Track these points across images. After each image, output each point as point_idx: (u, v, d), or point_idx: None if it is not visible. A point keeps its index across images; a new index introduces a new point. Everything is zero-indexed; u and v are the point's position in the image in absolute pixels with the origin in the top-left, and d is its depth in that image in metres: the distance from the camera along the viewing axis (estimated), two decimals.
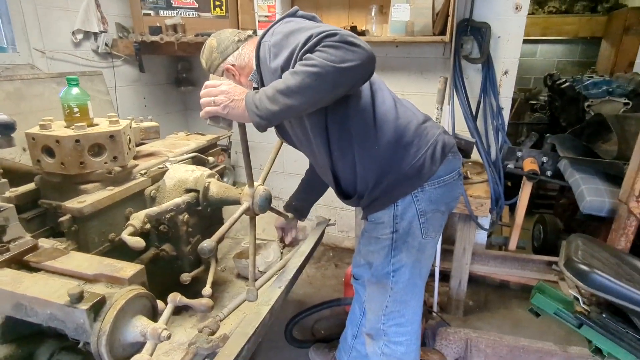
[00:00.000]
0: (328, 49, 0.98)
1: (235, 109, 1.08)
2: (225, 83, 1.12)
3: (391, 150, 1.25)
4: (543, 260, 2.53)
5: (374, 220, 1.36)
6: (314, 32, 1.03)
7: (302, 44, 1.04)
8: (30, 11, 2.20)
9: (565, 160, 2.31)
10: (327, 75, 0.98)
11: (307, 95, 1.01)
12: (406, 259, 1.33)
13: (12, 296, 0.85)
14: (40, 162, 1.29)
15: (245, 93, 1.10)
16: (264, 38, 1.19)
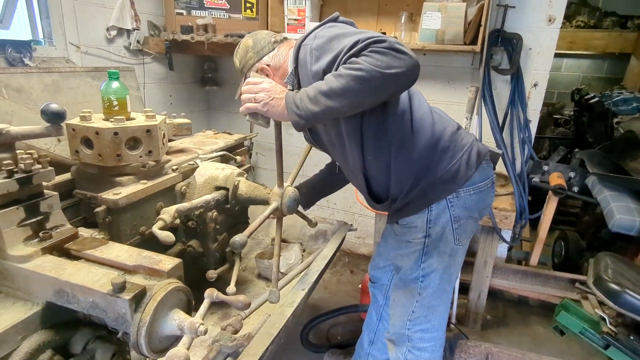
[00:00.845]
0: (375, 55, 0.98)
1: (275, 107, 1.10)
2: (266, 81, 1.14)
3: (427, 155, 1.25)
4: (565, 277, 2.47)
5: (406, 224, 1.34)
6: (360, 37, 1.03)
7: (348, 48, 1.04)
8: (68, 6, 2.25)
9: (594, 176, 2.27)
10: (372, 80, 0.98)
11: (349, 98, 1.02)
12: (437, 264, 1.32)
13: (56, 282, 0.86)
14: (79, 152, 1.32)
15: (285, 92, 1.11)
16: (305, 41, 1.19)
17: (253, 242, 2.33)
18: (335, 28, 1.16)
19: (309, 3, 2.54)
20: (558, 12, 2.29)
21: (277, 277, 1.45)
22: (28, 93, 1.81)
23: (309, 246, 2.24)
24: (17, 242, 0.92)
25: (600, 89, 4.30)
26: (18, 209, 0.92)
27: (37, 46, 2.14)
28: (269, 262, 1.91)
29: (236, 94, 1.26)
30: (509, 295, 2.69)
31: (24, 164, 0.92)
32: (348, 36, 1.08)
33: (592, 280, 1.74)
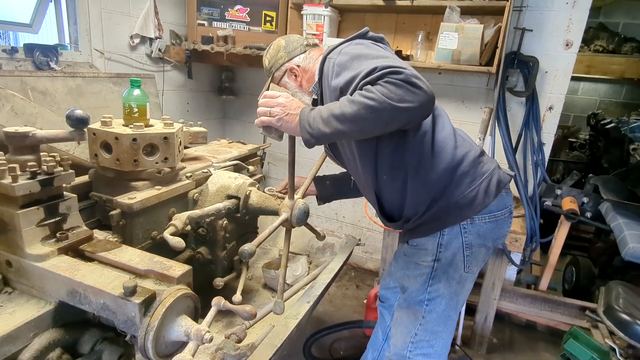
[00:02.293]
0: (389, 86, 0.99)
1: (289, 122, 1.12)
2: (283, 95, 1.15)
3: (446, 178, 1.23)
4: (575, 304, 2.42)
5: (417, 245, 1.33)
6: (379, 64, 1.03)
7: (365, 74, 1.04)
8: (95, 14, 2.33)
9: (608, 203, 2.24)
10: (383, 111, 0.99)
11: (359, 125, 1.04)
12: (444, 289, 1.30)
13: (69, 282, 0.89)
14: (98, 156, 1.36)
15: (300, 108, 1.13)
16: (330, 54, 1.20)
17: (260, 251, 2.34)
18: (361, 47, 1.16)
19: (327, 19, 2.59)
20: (576, 37, 2.30)
21: (282, 288, 1.46)
22: (52, 96, 1.88)
23: (316, 258, 2.24)
24: (35, 242, 0.95)
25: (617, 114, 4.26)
26: (38, 209, 0.95)
27: (63, 51, 2.22)
28: (275, 272, 1.91)
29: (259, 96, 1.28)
30: (516, 319, 2.65)
31: (47, 166, 0.96)
32: (369, 59, 1.08)
33: (602, 309, 1.71)
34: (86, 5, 2.28)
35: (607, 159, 3.18)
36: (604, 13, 4.78)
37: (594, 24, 4.69)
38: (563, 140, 4.44)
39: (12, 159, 0.95)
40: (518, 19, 2.35)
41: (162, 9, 2.68)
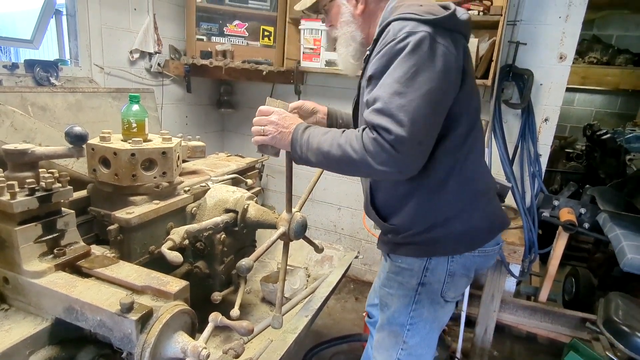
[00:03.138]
0: (375, 145, 0.94)
1: (282, 140, 1.11)
2: (276, 112, 1.13)
3: (458, 208, 1.15)
4: (576, 316, 2.41)
5: (401, 263, 1.25)
6: (388, 107, 0.94)
7: (371, 110, 0.97)
8: (96, 30, 2.37)
9: (606, 214, 2.24)
10: (361, 167, 0.98)
11: (340, 168, 1.05)
12: (427, 314, 1.24)
13: (66, 299, 0.89)
14: (96, 171, 1.36)
15: (294, 125, 1.10)
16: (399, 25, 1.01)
17: (258, 264, 2.34)
18: (409, 54, 0.96)
19: (324, 33, 2.63)
20: (569, 50, 2.33)
21: (281, 302, 1.45)
22: (52, 111, 1.89)
23: (314, 271, 2.24)
24: (32, 258, 0.95)
25: (612, 125, 4.30)
26: (36, 226, 0.96)
27: (63, 66, 2.24)
28: (273, 286, 1.91)
29: None
30: (516, 331, 2.63)
31: (45, 182, 0.97)
32: (390, 86, 0.96)
33: (602, 321, 1.71)
34: (87, 21, 2.31)
35: (603, 170, 3.20)
36: (597, 25, 4.86)
37: (587, 36, 4.76)
38: (560, 150, 4.47)
39: (10, 176, 0.95)
40: (512, 32, 2.39)
41: (162, 24, 2.72)
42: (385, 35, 1.03)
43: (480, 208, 1.19)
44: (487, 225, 1.21)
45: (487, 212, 1.21)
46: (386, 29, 1.04)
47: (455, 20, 1.04)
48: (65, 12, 2.32)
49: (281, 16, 2.72)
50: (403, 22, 1.01)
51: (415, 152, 0.96)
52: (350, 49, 1.26)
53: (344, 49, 1.27)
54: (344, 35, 1.25)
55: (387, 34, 1.02)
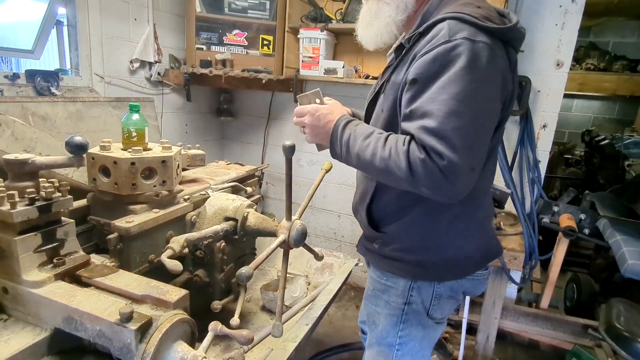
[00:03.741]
0: (423, 167, 0.86)
1: (323, 139, 1.09)
2: (309, 112, 1.08)
3: (452, 234, 1.08)
4: (578, 322, 2.40)
5: (386, 280, 1.18)
6: (443, 129, 0.84)
7: (422, 127, 0.87)
8: (96, 40, 2.39)
9: (606, 219, 2.24)
10: (404, 185, 0.93)
11: (381, 179, 1.03)
12: (416, 332, 1.19)
13: (65, 309, 0.88)
14: (96, 180, 1.37)
15: (332, 122, 1.03)
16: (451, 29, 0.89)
17: (259, 272, 2.33)
18: (469, 72, 0.86)
19: (323, 42, 2.65)
20: (566, 57, 2.35)
21: (281, 310, 1.44)
22: (52, 121, 1.90)
23: (314, 279, 2.23)
24: (32, 268, 0.95)
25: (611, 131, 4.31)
26: (36, 236, 0.96)
27: (64, 76, 2.26)
28: (273, 294, 1.90)
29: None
30: (519, 338, 2.61)
31: (45, 192, 0.97)
32: (446, 104, 0.85)
33: (604, 327, 1.70)
34: (87, 31, 2.33)
35: (602, 175, 3.20)
36: (593, 32, 4.90)
37: (584, 43, 4.79)
38: (559, 156, 4.48)
39: (11, 186, 0.96)
40: None
41: (162, 34, 2.75)
42: (436, 34, 0.90)
43: (476, 236, 1.13)
44: (480, 254, 1.15)
45: (482, 241, 1.16)
46: (437, 26, 0.92)
47: (515, 33, 0.95)
48: (66, 23, 2.35)
49: (280, 25, 2.74)
50: (460, 24, 0.89)
51: (465, 180, 0.88)
52: (397, 19, 1.07)
53: (387, 16, 1.07)
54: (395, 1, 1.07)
55: (439, 32, 0.90)
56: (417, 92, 0.91)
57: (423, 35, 0.95)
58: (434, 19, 0.94)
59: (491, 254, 1.20)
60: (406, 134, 0.93)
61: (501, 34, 0.92)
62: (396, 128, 1.01)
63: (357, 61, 2.84)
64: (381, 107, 1.08)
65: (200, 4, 2.72)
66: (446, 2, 1.00)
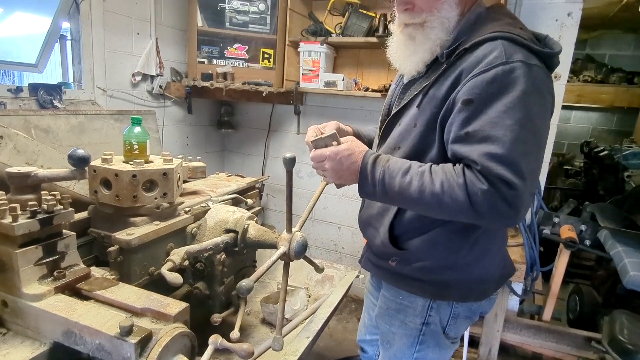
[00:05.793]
0: (487, 198, 0.82)
1: (348, 181, 1.01)
2: (328, 156, 0.99)
3: (480, 251, 1.04)
4: (581, 335, 2.38)
5: (402, 299, 1.14)
6: (509, 156, 0.81)
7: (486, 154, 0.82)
8: (99, 54, 2.42)
9: (606, 230, 2.24)
10: (460, 217, 0.88)
11: (428, 213, 0.94)
12: (432, 354, 1.16)
13: (65, 322, 0.88)
14: (97, 193, 1.37)
15: (357, 163, 0.96)
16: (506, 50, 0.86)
17: (259, 285, 2.32)
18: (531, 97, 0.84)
19: (323, 55, 2.68)
20: (563, 69, 2.37)
21: (281, 323, 1.43)
22: (55, 133, 1.92)
23: (315, 291, 2.22)
24: (32, 281, 0.95)
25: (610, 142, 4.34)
26: (37, 248, 0.96)
27: (66, 89, 2.28)
28: (274, 307, 1.89)
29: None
30: (521, 351, 2.58)
31: (47, 204, 0.97)
32: (512, 129, 0.82)
33: (607, 340, 1.68)
34: (90, 45, 2.36)
35: (602, 186, 3.21)
36: (590, 45, 4.96)
37: (581, 56, 4.85)
38: (559, 167, 4.50)
39: (13, 199, 0.96)
40: None
41: (164, 47, 2.78)
42: (488, 53, 0.88)
43: (498, 254, 1.12)
44: (500, 272, 1.14)
45: (501, 258, 1.14)
46: (487, 44, 0.89)
47: (557, 59, 0.96)
48: (69, 37, 2.38)
49: (280, 39, 2.78)
50: (514, 46, 0.88)
51: (527, 205, 0.85)
52: (444, 40, 0.99)
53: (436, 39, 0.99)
54: (438, 20, 0.99)
55: (491, 51, 0.87)
56: (473, 113, 0.86)
57: (468, 52, 0.92)
58: (481, 37, 0.91)
59: (508, 272, 1.19)
60: (461, 157, 0.89)
61: (549, 58, 0.92)
62: (430, 145, 0.98)
63: (356, 74, 2.87)
64: (414, 121, 1.01)
65: (202, 19, 2.76)
66: (483, 20, 0.98)
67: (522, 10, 2.40)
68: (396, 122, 1.08)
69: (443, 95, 0.94)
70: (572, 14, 2.29)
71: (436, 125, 0.95)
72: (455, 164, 0.91)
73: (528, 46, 0.88)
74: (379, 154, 0.98)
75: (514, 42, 0.88)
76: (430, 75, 1.01)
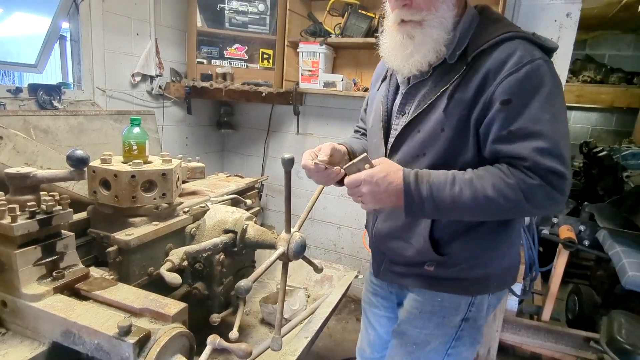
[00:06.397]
0: (541, 192, 0.87)
1: (388, 204, 0.96)
2: (364, 181, 0.94)
3: (511, 243, 1.09)
4: (580, 335, 2.38)
5: (443, 300, 1.11)
6: (551, 145, 0.86)
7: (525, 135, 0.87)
8: (99, 54, 2.42)
9: (605, 231, 2.24)
10: (512, 214, 0.92)
11: (480, 217, 0.96)
12: (466, 352, 1.14)
13: (64, 323, 0.88)
14: (97, 193, 1.37)
15: (396, 185, 0.92)
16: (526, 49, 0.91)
17: (258, 285, 2.32)
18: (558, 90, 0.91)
19: (322, 56, 2.69)
20: (562, 70, 2.37)
21: (280, 323, 1.44)
22: (54, 134, 1.92)
23: (314, 291, 2.22)
24: (31, 281, 0.96)
25: (609, 142, 4.34)
26: (36, 249, 0.96)
27: (66, 89, 2.28)
28: (273, 307, 1.89)
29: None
30: (520, 351, 2.58)
31: (46, 205, 0.98)
32: (553, 120, 0.87)
33: (605, 340, 1.69)
34: (90, 46, 2.37)
35: (601, 186, 3.21)
36: (589, 46, 4.96)
37: (580, 56, 4.85)
38: None
39: (12, 199, 0.96)
40: None
41: (163, 48, 2.79)
42: (511, 52, 0.91)
43: (518, 243, 1.16)
44: (519, 259, 1.19)
45: (518, 248, 1.18)
46: (506, 44, 0.92)
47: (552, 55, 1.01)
48: (69, 37, 2.38)
49: (280, 39, 2.78)
50: (529, 44, 0.93)
51: (569, 189, 0.90)
52: (446, 39, 0.99)
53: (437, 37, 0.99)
54: (436, 19, 0.98)
55: (513, 50, 0.91)
56: (514, 112, 0.89)
57: (485, 53, 0.94)
58: (496, 37, 0.94)
59: (519, 260, 1.23)
60: (506, 155, 0.91)
61: (551, 53, 0.98)
62: (460, 148, 0.97)
63: (355, 74, 2.87)
64: (440, 126, 0.98)
65: (202, 19, 2.77)
66: (484, 22, 1.01)
67: (521, 11, 2.40)
68: (414, 128, 1.03)
69: (471, 98, 0.94)
70: (571, 14, 2.30)
71: (466, 128, 0.96)
72: (494, 165, 0.94)
73: (539, 44, 0.94)
74: (416, 171, 0.95)
75: (529, 41, 0.93)
76: (440, 77, 1.00)
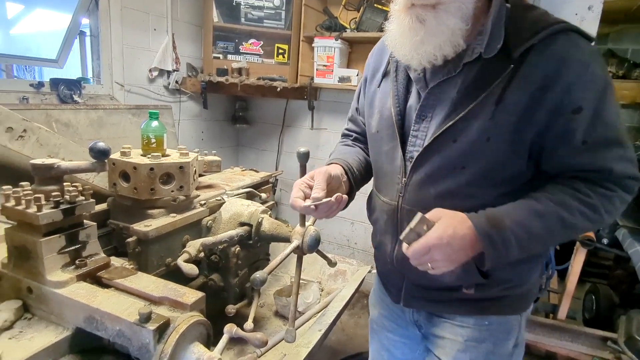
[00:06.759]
0: (619, 203, 0.84)
1: (459, 260, 0.83)
2: (433, 246, 0.79)
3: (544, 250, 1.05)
4: (597, 334, 2.34)
5: (490, 324, 1.00)
6: (628, 152, 0.83)
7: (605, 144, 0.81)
8: (117, 50, 2.47)
9: (625, 229, 2.20)
10: (589, 230, 0.87)
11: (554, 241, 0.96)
12: None
13: (87, 309, 0.91)
14: (116, 185, 1.41)
15: (469, 242, 0.80)
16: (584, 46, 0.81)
17: (272, 278, 2.34)
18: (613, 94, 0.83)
19: (337, 50, 2.69)
20: None
21: (294, 316, 1.45)
22: (75, 127, 1.97)
23: (327, 285, 2.23)
24: (55, 268, 0.99)
25: (632, 139, 4.22)
26: (60, 237, 0.99)
27: (86, 84, 2.34)
28: (287, 300, 1.91)
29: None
30: (535, 349, 2.56)
31: (70, 195, 1.00)
32: (619, 127, 0.83)
33: (623, 339, 1.66)
34: (109, 41, 2.41)
35: None
36: (611, 40, 4.82)
37: (602, 51, 4.72)
38: None
39: (37, 190, 1.00)
40: None
41: (180, 43, 2.82)
42: (568, 48, 0.80)
43: None
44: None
45: None
46: (561, 38, 0.80)
47: None
48: (89, 33, 2.43)
49: (295, 34, 2.79)
50: (582, 38, 0.82)
51: None
52: (463, 29, 0.83)
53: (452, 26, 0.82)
54: (454, 3, 0.81)
55: (569, 46, 0.80)
56: (587, 121, 0.81)
57: (536, 49, 0.81)
58: (547, 30, 0.80)
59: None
60: (585, 168, 0.84)
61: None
62: (509, 159, 0.86)
63: None
64: (485, 135, 0.84)
65: (218, 14, 2.79)
66: (520, 10, 0.85)
67: (541, 3, 2.35)
68: (449, 138, 0.87)
69: (526, 104, 0.81)
70: (592, 7, 2.24)
71: (518, 138, 0.83)
72: (559, 181, 0.87)
73: (587, 36, 0.83)
74: (486, 214, 0.83)
75: (579, 33, 0.82)
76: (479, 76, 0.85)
